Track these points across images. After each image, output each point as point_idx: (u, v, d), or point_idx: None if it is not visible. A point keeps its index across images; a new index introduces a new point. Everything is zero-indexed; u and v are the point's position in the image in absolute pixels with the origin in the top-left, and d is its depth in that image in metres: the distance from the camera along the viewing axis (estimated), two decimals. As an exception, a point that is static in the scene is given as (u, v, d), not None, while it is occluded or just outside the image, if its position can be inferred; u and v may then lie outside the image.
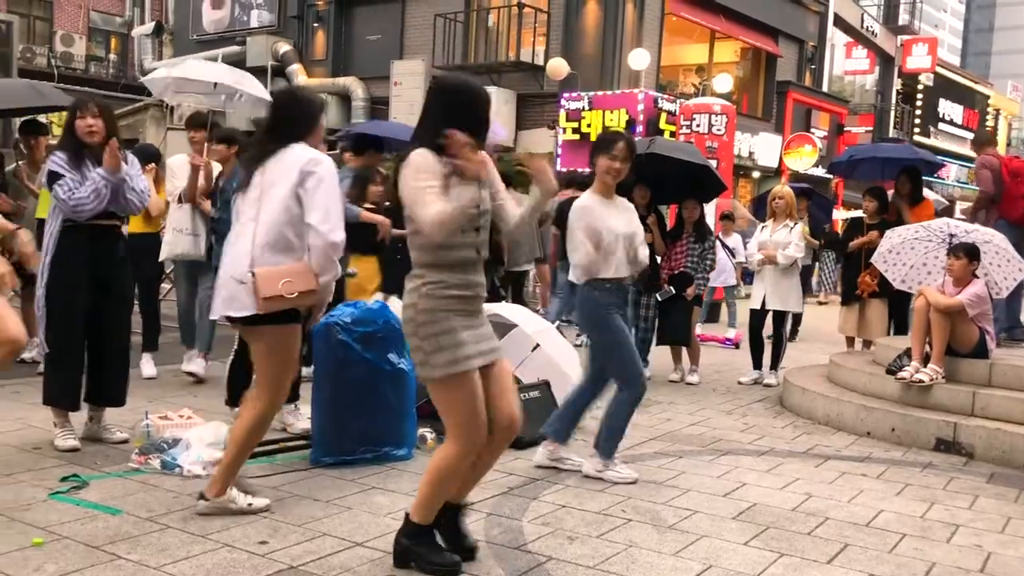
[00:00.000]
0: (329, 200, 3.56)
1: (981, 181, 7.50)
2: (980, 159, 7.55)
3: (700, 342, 9.43)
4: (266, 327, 3.59)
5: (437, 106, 3.23)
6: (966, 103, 34.36)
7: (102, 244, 4.54)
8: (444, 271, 3.12)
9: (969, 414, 5.67)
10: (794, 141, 21.58)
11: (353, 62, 22.32)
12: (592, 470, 4.57)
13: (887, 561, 3.56)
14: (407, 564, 3.22)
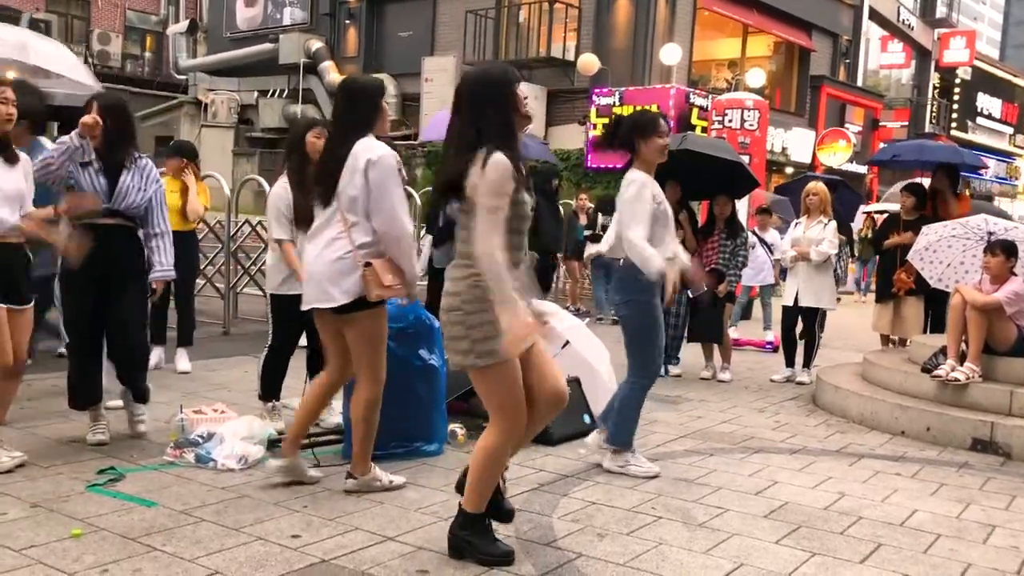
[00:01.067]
0: (392, 193, 3.71)
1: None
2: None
3: (737, 346, 9.41)
4: (361, 313, 3.76)
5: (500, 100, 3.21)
6: (1005, 97, 33.79)
7: (109, 244, 4.43)
8: None
9: (1007, 413, 5.59)
10: (828, 136, 21.37)
11: (384, 59, 22.44)
12: (614, 466, 4.57)
13: (921, 562, 3.53)
14: (462, 554, 3.27)
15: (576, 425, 5.31)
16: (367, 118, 3.84)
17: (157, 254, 4.64)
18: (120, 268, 4.52)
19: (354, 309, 3.76)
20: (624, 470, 4.55)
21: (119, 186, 4.44)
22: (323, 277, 3.76)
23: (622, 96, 17.45)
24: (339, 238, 3.75)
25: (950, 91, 30.35)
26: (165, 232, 4.69)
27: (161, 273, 4.67)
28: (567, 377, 5.43)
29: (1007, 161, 34.48)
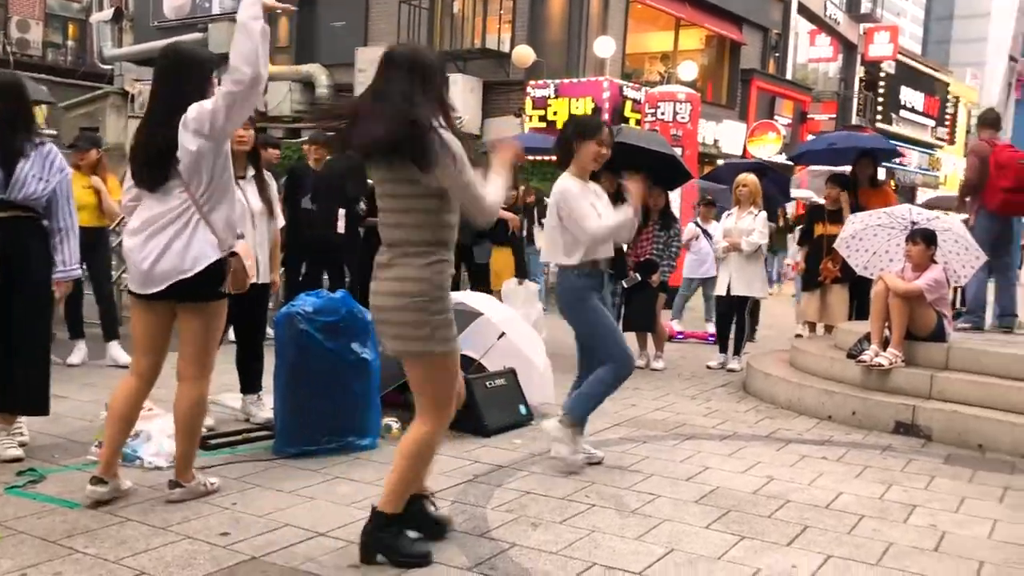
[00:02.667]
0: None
1: (967, 168, 7.51)
2: (972, 145, 7.57)
3: (682, 339, 9.57)
4: (216, 303, 3.70)
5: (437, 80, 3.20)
6: (927, 91, 34.82)
7: (3, 239, 4.16)
8: (445, 250, 3.16)
9: (927, 397, 5.77)
10: (758, 129, 21.76)
11: (317, 49, 22.12)
12: (555, 429, 4.50)
13: (846, 543, 3.62)
14: (373, 558, 3.16)
15: (512, 416, 5.34)
16: (200, 93, 3.57)
17: (60, 253, 4.30)
18: (18, 264, 4.18)
19: (206, 298, 3.62)
20: (558, 440, 4.49)
21: (15, 175, 4.10)
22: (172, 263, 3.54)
23: (557, 88, 17.51)
24: (192, 226, 3.55)
25: (875, 85, 31.15)
26: (70, 228, 4.33)
27: (63, 274, 4.32)
28: (503, 367, 5.51)
29: (929, 153, 35.56)
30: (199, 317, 3.66)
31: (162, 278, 3.57)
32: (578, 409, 4.56)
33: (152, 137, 3.59)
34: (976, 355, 5.92)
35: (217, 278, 3.64)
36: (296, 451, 4.46)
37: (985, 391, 5.60)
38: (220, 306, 3.73)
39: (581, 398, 4.57)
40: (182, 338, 3.70)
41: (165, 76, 3.65)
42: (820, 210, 8.24)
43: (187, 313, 3.66)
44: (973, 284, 7.15)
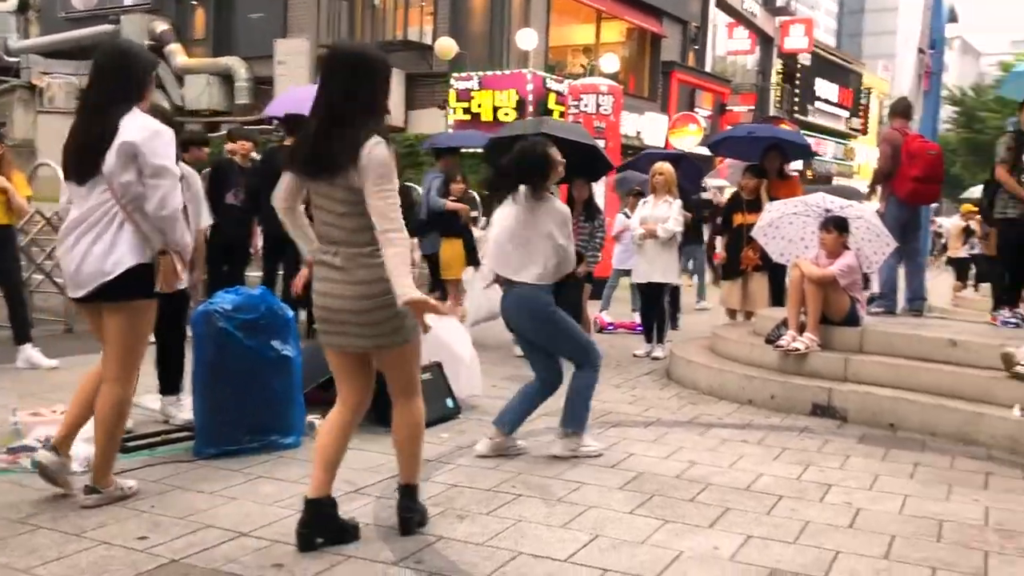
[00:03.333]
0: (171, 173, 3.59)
1: (879, 156, 7.68)
2: (884, 134, 7.75)
3: (612, 330, 9.68)
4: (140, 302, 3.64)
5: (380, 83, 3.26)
6: (841, 82, 35.87)
7: None
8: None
9: (842, 379, 5.95)
10: (679, 120, 22.09)
11: (235, 41, 21.69)
12: (566, 451, 4.60)
13: (765, 523, 3.71)
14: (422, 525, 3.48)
15: (439, 410, 5.32)
16: (139, 88, 3.57)
17: None
18: None
19: (129, 297, 3.55)
20: (575, 453, 4.59)
21: None
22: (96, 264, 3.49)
23: (481, 81, 17.50)
24: (115, 227, 3.51)
25: (792, 76, 31.95)
26: None
27: None
28: (429, 362, 5.48)
29: (843, 143, 36.64)
30: (122, 317, 3.59)
31: (87, 281, 3.53)
32: (581, 422, 4.66)
33: (87, 126, 3.53)
34: (888, 338, 6.13)
35: (142, 278, 3.57)
36: (217, 451, 4.37)
37: (896, 372, 5.80)
38: (146, 306, 3.65)
39: (578, 408, 4.65)
40: (105, 338, 3.63)
41: (106, 69, 3.58)
42: (739, 200, 8.41)
43: (111, 313, 3.60)
44: (885, 269, 7.39)
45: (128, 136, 3.45)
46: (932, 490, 4.25)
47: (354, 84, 3.18)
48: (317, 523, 3.28)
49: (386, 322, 3.21)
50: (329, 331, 3.29)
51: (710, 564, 3.25)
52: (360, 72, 3.20)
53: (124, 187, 3.49)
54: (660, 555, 3.31)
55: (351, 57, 3.27)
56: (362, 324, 3.21)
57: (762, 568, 3.22)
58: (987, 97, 39.69)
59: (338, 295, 3.21)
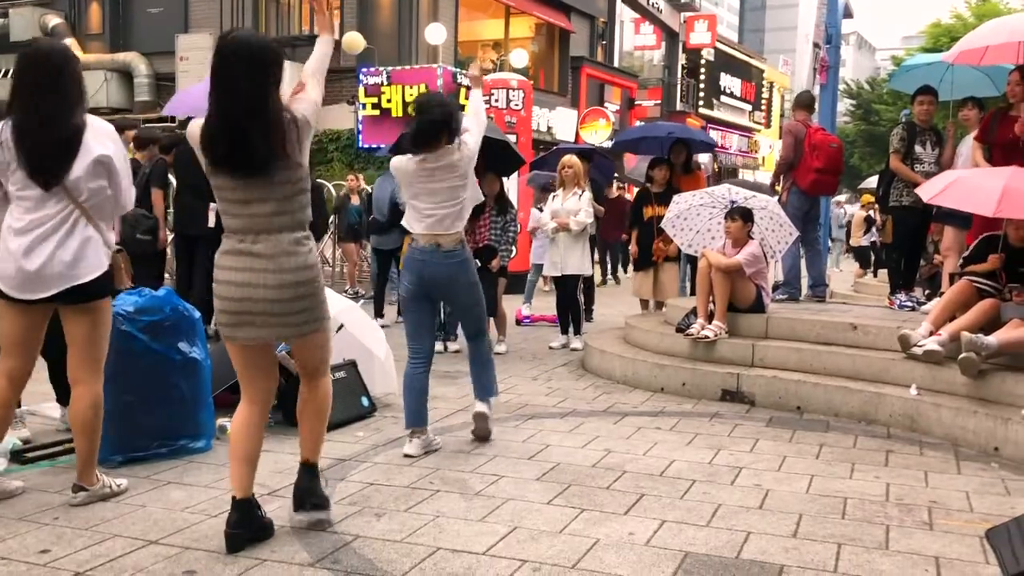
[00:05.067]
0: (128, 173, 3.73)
1: (783, 147, 7.90)
2: (788, 125, 7.95)
3: (530, 323, 9.72)
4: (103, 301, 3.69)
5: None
6: (744, 77, 36.81)
7: None
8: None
9: (750, 365, 6.12)
10: (589, 115, 22.34)
11: (134, 36, 20.97)
12: (487, 409, 4.80)
13: (678, 507, 3.79)
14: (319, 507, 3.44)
15: (353, 409, 5.27)
16: (82, 90, 3.60)
17: None
18: None
19: (97, 297, 3.59)
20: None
21: None
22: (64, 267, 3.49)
23: (390, 76, 17.35)
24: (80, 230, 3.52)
25: (697, 71, 32.62)
26: None
27: None
28: (343, 360, 5.42)
29: (747, 136, 37.63)
30: (89, 318, 3.60)
31: (52, 283, 3.49)
32: (492, 391, 4.86)
33: (56, 131, 3.45)
34: (791, 323, 6.33)
35: (106, 280, 3.62)
36: (123, 458, 4.24)
37: (800, 356, 6.00)
38: (106, 303, 3.68)
39: (490, 383, 4.84)
40: (70, 341, 3.63)
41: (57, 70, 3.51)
42: (648, 193, 8.55)
43: (75, 315, 3.59)
44: (788, 258, 7.62)
45: (103, 149, 3.52)
46: (836, 469, 4.41)
47: (259, 74, 3.09)
48: (247, 523, 3.24)
49: (314, 308, 3.26)
50: (242, 323, 3.20)
51: (626, 550, 3.30)
52: (258, 62, 3.10)
53: (93, 192, 3.52)
54: (577, 544, 3.35)
55: (248, 48, 3.13)
56: (287, 313, 3.20)
57: (676, 552, 3.29)
58: (882, 90, 41.29)
59: (260, 284, 3.14)
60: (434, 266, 4.50)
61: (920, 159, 7.07)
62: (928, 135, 7.15)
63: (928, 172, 6.88)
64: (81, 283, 3.51)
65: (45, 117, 3.46)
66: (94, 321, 3.62)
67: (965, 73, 7.45)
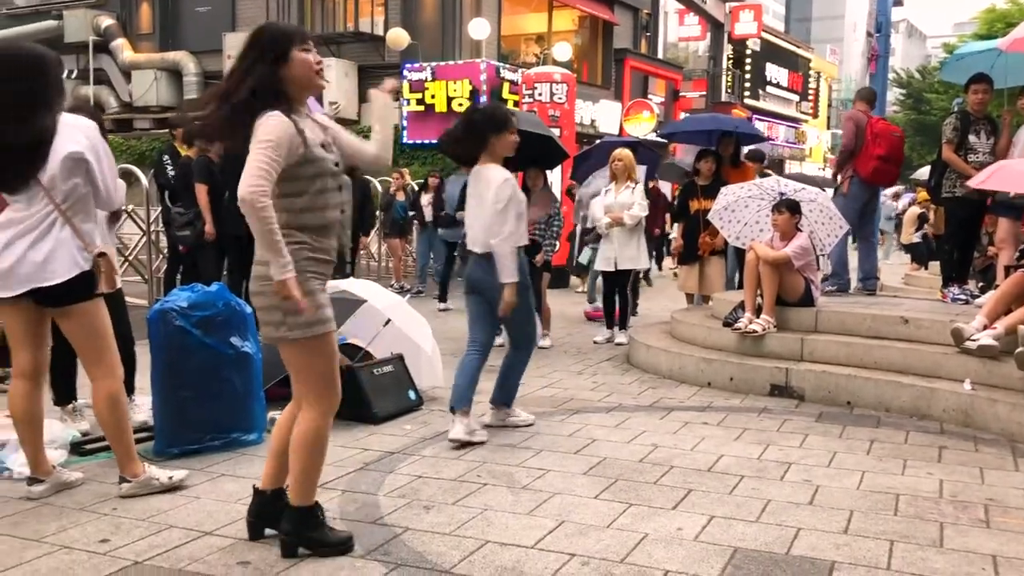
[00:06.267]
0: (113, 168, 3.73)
1: (843, 134, 7.76)
2: (848, 113, 7.84)
3: (590, 320, 9.69)
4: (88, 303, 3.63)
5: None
6: (790, 67, 36.30)
7: None
8: (308, 233, 3.04)
9: (799, 359, 6.05)
10: (633, 108, 22.20)
11: (183, 35, 21.34)
12: (497, 420, 4.98)
13: (727, 502, 3.77)
14: (295, 553, 3.12)
15: (401, 402, 5.32)
16: (60, 91, 3.57)
17: None
18: None
19: (74, 300, 3.57)
20: (504, 422, 4.98)
21: None
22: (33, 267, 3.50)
23: (434, 71, 17.42)
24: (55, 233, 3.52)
25: (742, 62, 32.26)
26: None
27: None
28: (391, 354, 5.47)
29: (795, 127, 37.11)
30: (74, 318, 3.62)
31: (20, 282, 3.51)
32: (505, 396, 5.03)
33: (25, 134, 3.43)
34: (841, 317, 6.24)
35: (84, 282, 3.58)
36: (179, 451, 4.33)
37: (850, 351, 5.91)
38: (92, 305, 3.64)
39: (505, 388, 5.02)
40: (71, 342, 3.71)
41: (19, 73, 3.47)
42: (694, 186, 8.48)
43: (60, 318, 3.65)
44: (836, 249, 7.52)
45: (74, 146, 3.50)
46: (888, 465, 4.34)
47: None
48: (263, 513, 3.26)
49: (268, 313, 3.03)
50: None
51: (674, 545, 3.29)
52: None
53: (68, 192, 3.52)
54: (625, 538, 3.35)
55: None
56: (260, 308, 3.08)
57: (725, 547, 3.27)
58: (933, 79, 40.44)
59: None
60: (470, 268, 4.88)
61: (974, 149, 6.92)
62: (983, 124, 6.99)
63: (983, 163, 6.73)
64: (49, 285, 3.50)
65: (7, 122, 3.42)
66: (80, 323, 3.62)
67: (1020, 60, 7.26)
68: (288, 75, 3.01)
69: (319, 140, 3.07)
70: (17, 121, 3.40)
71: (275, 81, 2.99)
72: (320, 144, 3.07)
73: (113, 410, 3.70)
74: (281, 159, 2.91)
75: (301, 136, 2.97)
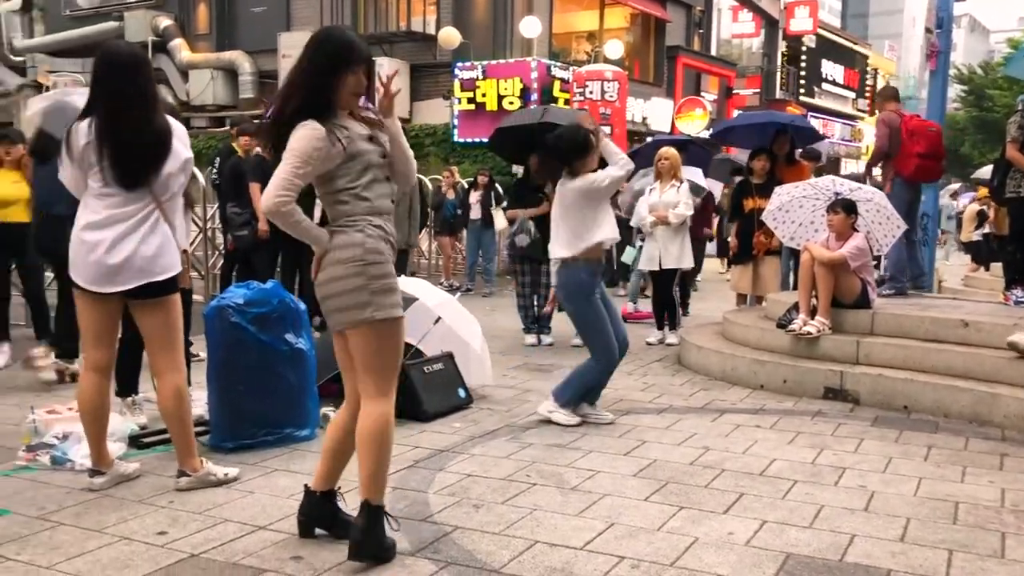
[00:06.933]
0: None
1: (877, 137, 7.63)
2: (881, 115, 7.66)
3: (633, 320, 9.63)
4: (175, 296, 3.77)
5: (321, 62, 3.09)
6: (847, 63, 35.62)
7: None
8: (380, 217, 3.10)
9: (854, 362, 5.94)
10: (685, 105, 22.01)
11: (238, 35, 21.69)
12: (544, 411, 5.11)
13: (779, 507, 3.72)
14: (365, 556, 3.04)
15: (451, 400, 5.35)
16: (156, 91, 3.76)
17: None
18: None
19: (169, 292, 3.73)
20: (550, 416, 5.07)
21: None
22: (145, 262, 3.64)
23: (485, 70, 17.46)
24: (159, 229, 3.68)
25: (797, 59, 31.74)
26: None
27: None
28: (440, 352, 5.50)
29: (851, 124, 36.43)
30: (160, 311, 3.74)
31: (132, 277, 3.63)
32: (564, 394, 5.10)
33: (145, 135, 3.60)
34: (898, 320, 6.11)
35: (177, 276, 3.77)
36: (233, 445, 4.40)
37: (907, 354, 5.79)
38: (176, 299, 3.80)
39: (566, 387, 5.12)
40: (146, 335, 3.80)
41: (135, 72, 3.63)
42: (748, 185, 8.38)
43: (148, 309, 3.74)
44: (894, 251, 7.37)
45: (188, 152, 3.74)
46: (946, 471, 4.25)
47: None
48: (313, 513, 3.29)
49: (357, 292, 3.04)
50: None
51: (725, 550, 3.26)
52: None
53: (176, 193, 3.74)
54: (675, 542, 3.32)
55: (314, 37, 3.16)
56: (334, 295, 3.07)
57: (778, 553, 3.23)
58: (996, 75, 39.37)
59: None
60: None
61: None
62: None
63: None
64: (162, 279, 3.66)
65: (131, 120, 3.57)
66: (167, 314, 3.74)
67: (1089, 56, 7.03)
68: (338, 87, 3.06)
69: (364, 134, 3.11)
70: (140, 120, 3.59)
71: (326, 93, 3.05)
72: (367, 138, 3.11)
73: (179, 404, 3.79)
74: (310, 167, 2.99)
75: (337, 138, 3.01)
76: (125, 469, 3.95)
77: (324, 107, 3.04)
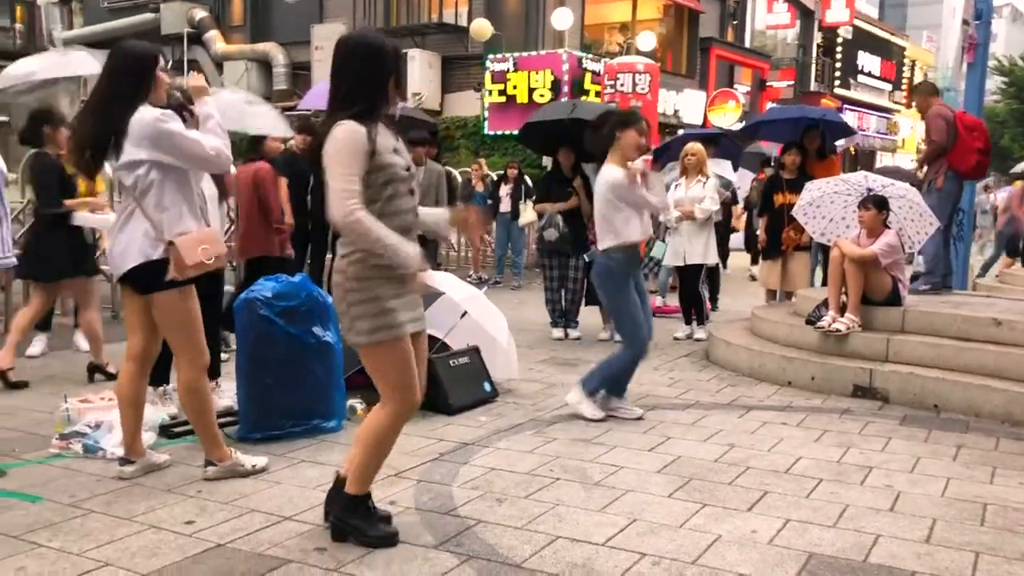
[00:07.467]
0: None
1: (935, 131, 7.30)
2: (935, 109, 7.36)
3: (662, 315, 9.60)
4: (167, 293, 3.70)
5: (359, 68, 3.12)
6: (884, 55, 35.07)
7: None
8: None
9: (884, 360, 5.88)
10: (718, 97, 21.83)
11: (272, 27, 21.83)
12: (572, 400, 5.12)
13: (804, 506, 3.70)
14: (345, 538, 3.22)
15: (477, 394, 5.37)
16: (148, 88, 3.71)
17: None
18: None
19: (149, 290, 3.70)
20: (576, 408, 5.08)
21: None
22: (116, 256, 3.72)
23: (516, 62, 17.44)
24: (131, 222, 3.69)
25: (833, 50, 31.31)
26: (2, 217, 4.45)
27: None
28: (467, 346, 5.53)
29: (887, 117, 35.90)
30: (156, 308, 3.77)
31: (116, 268, 3.75)
32: (590, 383, 5.12)
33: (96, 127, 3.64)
34: (929, 318, 6.04)
35: (156, 272, 3.66)
36: (261, 436, 4.46)
37: (938, 352, 5.72)
38: (167, 296, 3.71)
39: (593, 374, 5.14)
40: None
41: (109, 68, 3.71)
42: (779, 180, 8.30)
43: (147, 305, 3.78)
44: (931, 247, 7.26)
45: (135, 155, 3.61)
46: (976, 472, 4.20)
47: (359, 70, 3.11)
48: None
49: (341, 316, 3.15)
50: None
51: (748, 548, 3.25)
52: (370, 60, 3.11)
53: (133, 184, 3.65)
54: (698, 539, 3.32)
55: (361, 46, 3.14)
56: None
57: (800, 552, 3.21)
58: (1037, 67, 38.60)
59: None
60: None
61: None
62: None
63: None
64: (123, 272, 3.69)
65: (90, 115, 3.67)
66: (159, 313, 3.75)
67: None
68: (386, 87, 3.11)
69: (391, 146, 3.11)
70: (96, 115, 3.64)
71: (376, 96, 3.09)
72: (392, 149, 3.11)
73: (191, 399, 3.83)
74: (357, 166, 2.99)
75: (372, 143, 3.01)
76: (156, 459, 4.02)
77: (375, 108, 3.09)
